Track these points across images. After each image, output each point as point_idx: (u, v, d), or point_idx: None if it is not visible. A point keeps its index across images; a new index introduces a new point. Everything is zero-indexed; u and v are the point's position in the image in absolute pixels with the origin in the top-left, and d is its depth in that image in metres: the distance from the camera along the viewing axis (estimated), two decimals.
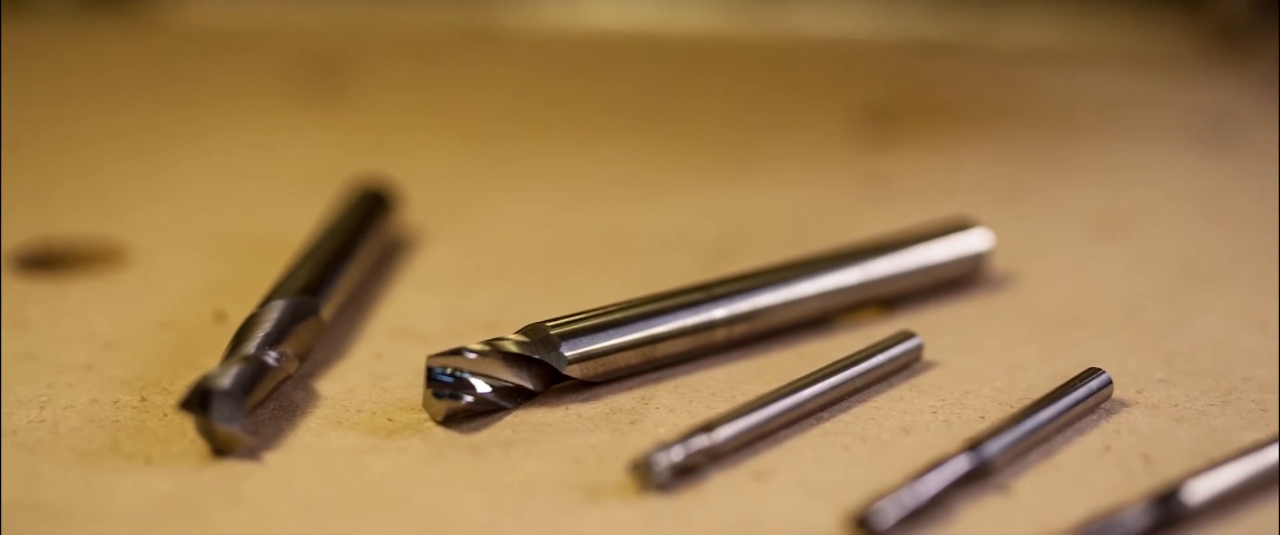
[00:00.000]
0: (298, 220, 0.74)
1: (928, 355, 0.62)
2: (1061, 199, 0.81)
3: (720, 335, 0.61)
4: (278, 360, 0.57)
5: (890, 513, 0.50)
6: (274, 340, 0.58)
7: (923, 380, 0.60)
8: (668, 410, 0.58)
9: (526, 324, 0.59)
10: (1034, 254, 0.72)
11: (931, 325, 0.64)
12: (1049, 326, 0.65)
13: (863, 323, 0.65)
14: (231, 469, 0.54)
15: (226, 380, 0.54)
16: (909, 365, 0.61)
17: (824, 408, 0.58)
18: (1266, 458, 0.52)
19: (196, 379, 0.55)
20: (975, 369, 0.61)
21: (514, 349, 0.58)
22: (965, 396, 0.59)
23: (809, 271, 0.64)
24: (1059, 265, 0.72)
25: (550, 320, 0.59)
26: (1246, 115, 0.96)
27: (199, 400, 0.54)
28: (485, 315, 0.65)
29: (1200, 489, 0.51)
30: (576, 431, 0.57)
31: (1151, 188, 0.82)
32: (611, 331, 0.59)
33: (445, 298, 0.68)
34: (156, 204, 0.81)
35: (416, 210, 0.78)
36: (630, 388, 0.60)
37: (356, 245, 0.67)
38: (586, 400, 0.59)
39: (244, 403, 0.54)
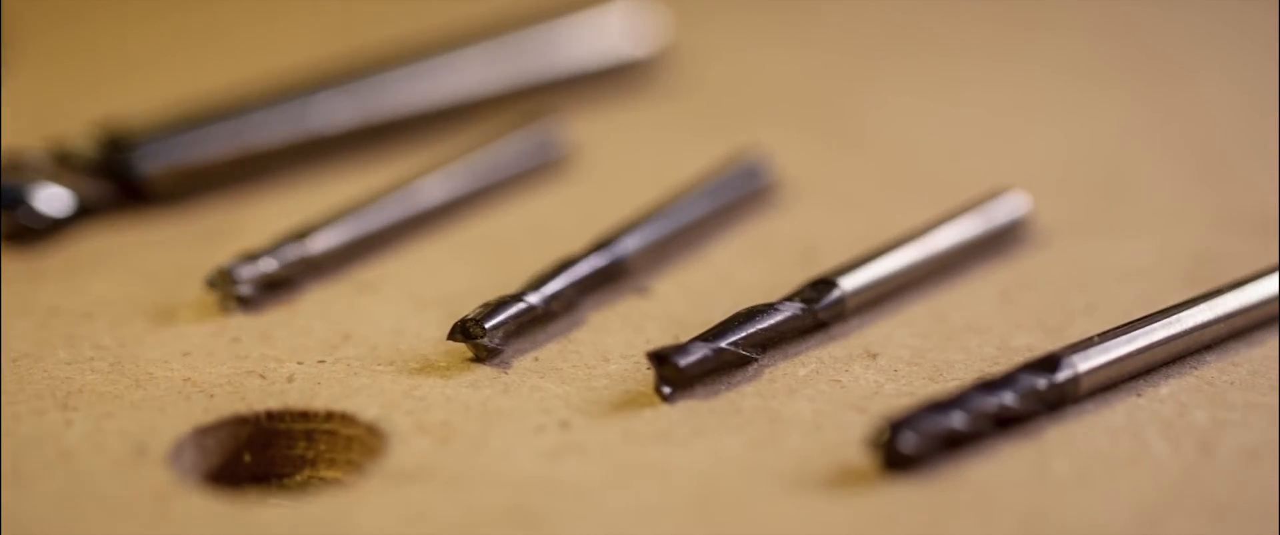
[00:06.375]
0: None
1: (574, 149, 0.56)
2: None
3: (331, 133, 0.55)
4: None
5: (496, 318, 0.43)
6: None
7: (565, 177, 0.55)
8: (268, 220, 0.51)
9: (102, 126, 0.52)
10: (702, 36, 0.66)
11: (580, 116, 0.58)
12: (715, 116, 0.60)
13: (503, 116, 0.58)
14: None
15: None
16: (549, 160, 0.54)
17: (447, 210, 0.51)
18: (933, 242, 0.47)
19: None
20: (626, 163, 0.56)
21: (84, 157, 0.51)
22: (610, 193, 0.53)
23: (436, 57, 0.57)
24: (729, 49, 0.66)
25: (129, 121, 0.52)
26: None
27: None
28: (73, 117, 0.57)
29: (854, 279, 0.45)
30: (157, 248, 0.50)
31: None
32: (202, 133, 0.53)
33: (22, 98, 0.61)
34: None
35: None
36: (227, 196, 0.53)
37: None
38: (174, 212, 0.52)
39: None
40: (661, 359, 0.42)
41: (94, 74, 0.64)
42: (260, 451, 0.41)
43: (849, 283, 0.45)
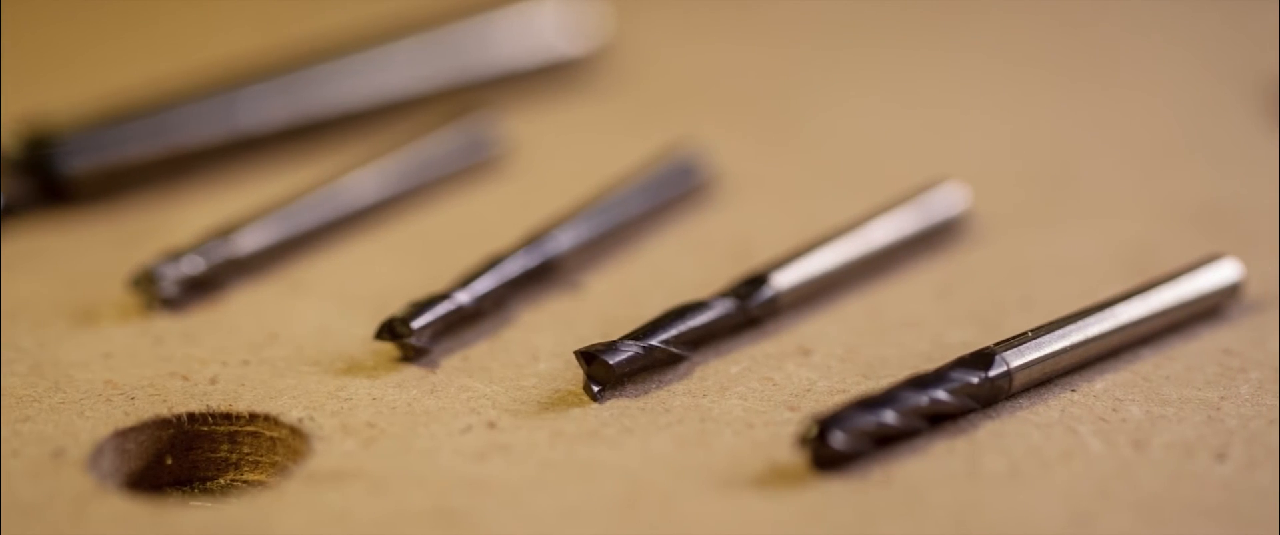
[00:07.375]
0: None
1: (510, 146, 0.55)
2: None
3: (260, 131, 0.54)
4: None
5: (423, 317, 0.42)
6: None
7: (496, 173, 0.54)
8: (194, 219, 0.50)
9: (23, 123, 0.51)
10: (640, 32, 0.65)
11: (516, 113, 0.57)
12: (652, 112, 0.59)
13: (439, 111, 0.57)
14: None
15: None
16: (482, 158, 0.54)
17: (378, 208, 0.50)
18: (868, 237, 0.47)
19: None
20: (562, 161, 0.55)
21: (5, 155, 0.50)
22: (545, 191, 0.52)
23: (368, 53, 0.56)
24: (667, 45, 0.65)
25: (52, 118, 0.51)
26: None
27: None
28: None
29: (787, 275, 0.45)
30: (80, 248, 0.49)
31: None
32: (127, 131, 0.52)
33: None
34: None
35: None
36: (153, 194, 0.52)
37: None
38: (98, 210, 0.51)
39: None
40: (591, 357, 0.41)
41: (15, 69, 0.62)
42: (182, 454, 0.41)
43: (782, 279, 0.45)
